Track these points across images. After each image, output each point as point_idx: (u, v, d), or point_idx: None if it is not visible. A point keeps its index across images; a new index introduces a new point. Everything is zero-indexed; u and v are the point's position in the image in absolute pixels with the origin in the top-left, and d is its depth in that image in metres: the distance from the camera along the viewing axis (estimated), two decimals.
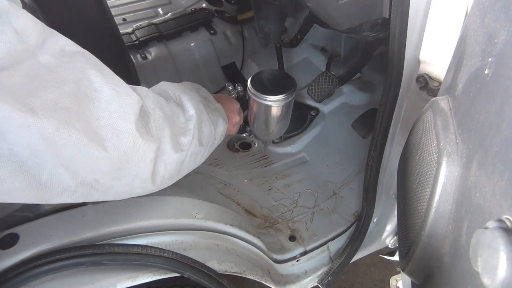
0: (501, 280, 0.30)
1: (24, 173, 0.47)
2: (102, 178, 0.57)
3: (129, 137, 0.56)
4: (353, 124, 1.51)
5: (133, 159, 0.58)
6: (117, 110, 0.55)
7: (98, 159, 0.53)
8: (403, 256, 0.63)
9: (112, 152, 0.54)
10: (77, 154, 0.50)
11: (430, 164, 0.53)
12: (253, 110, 0.96)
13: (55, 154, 0.48)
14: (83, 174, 0.53)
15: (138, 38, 1.71)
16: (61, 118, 0.47)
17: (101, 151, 0.52)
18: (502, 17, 0.42)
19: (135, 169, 0.60)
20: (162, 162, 0.67)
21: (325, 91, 1.33)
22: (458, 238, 0.44)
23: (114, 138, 0.54)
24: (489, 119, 0.41)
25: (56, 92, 0.47)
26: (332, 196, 1.32)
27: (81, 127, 0.49)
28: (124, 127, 0.55)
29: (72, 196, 0.55)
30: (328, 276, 1.12)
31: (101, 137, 0.53)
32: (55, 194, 0.53)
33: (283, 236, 1.20)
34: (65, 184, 0.53)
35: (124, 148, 0.56)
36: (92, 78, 0.53)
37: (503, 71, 0.40)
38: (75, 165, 0.51)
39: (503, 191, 0.35)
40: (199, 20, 1.82)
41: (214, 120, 0.86)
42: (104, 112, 0.53)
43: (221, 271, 0.85)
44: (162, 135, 0.66)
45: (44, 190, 0.51)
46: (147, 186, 0.67)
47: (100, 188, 0.58)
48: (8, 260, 0.66)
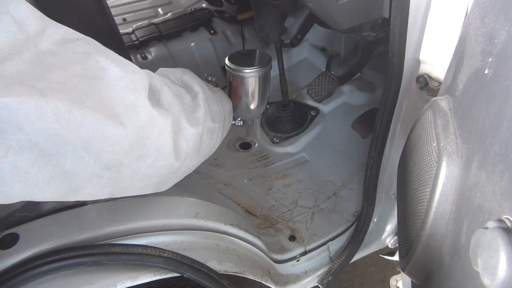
0: (501, 280, 0.30)
1: (47, 162, 0.47)
2: (125, 159, 0.56)
3: (144, 110, 0.56)
4: (353, 124, 1.51)
5: (152, 134, 0.58)
6: (128, 85, 0.54)
7: (117, 137, 0.52)
8: (403, 256, 0.63)
9: (130, 127, 0.53)
10: (95, 134, 0.49)
11: (430, 164, 0.53)
12: (233, 86, 1.03)
13: (73, 137, 0.47)
14: (106, 156, 0.53)
15: (138, 38, 1.71)
16: (72, 98, 0.46)
17: (119, 127, 0.51)
18: (502, 17, 0.42)
19: (156, 144, 0.60)
20: (182, 137, 0.68)
21: (325, 91, 1.33)
22: (458, 238, 0.44)
23: (130, 112, 0.53)
24: (489, 119, 0.41)
25: (62, 74, 0.47)
26: (332, 196, 1.32)
27: (94, 105, 0.48)
28: (137, 101, 0.55)
29: (100, 182, 0.55)
30: (328, 276, 1.12)
31: (116, 113, 0.52)
32: (82, 182, 0.53)
33: (283, 236, 1.20)
34: (90, 170, 0.52)
35: (141, 122, 0.55)
36: (97, 59, 0.52)
37: (503, 71, 0.40)
38: (96, 147, 0.51)
39: (503, 191, 0.35)
40: (199, 20, 1.82)
41: (218, 99, 0.88)
42: (115, 88, 0.52)
43: (221, 271, 0.85)
44: (175, 109, 0.66)
45: (71, 178, 0.51)
46: (172, 163, 0.67)
47: (126, 171, 0.58)
48: (8, 260, 0.66)
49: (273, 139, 1.53)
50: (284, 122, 1.55)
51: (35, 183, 0.47)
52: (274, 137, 1.53)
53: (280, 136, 1.53)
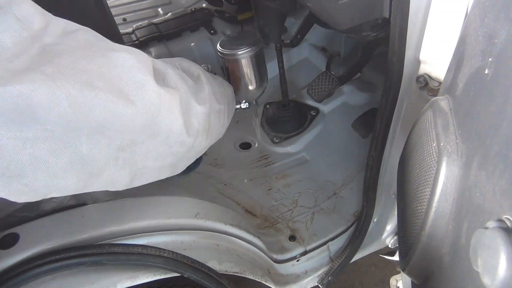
0: (501, 280, 0.30)
1: (64, 149, 0.48)
2: (137, 138, 0.58)
3: (152, 88, 0.57)
4: (353, 124, 1.51)
5: (162, 111, 0.60)
6: (136, 65, 0.55)
7: (129, 116, 0.53)
8: (403, 256, 0.63)
9: (140, 105, 0.55)
10: (107, 114, 0.50)
11: (430, 164, 0.53)
12: (230, 70, 1.06)
13: (87, 120, 0.48)
14: (119, 137, 0.54)
15: (138, 38, 1.71)
16: (83, 80, 0.47)
17: (129, 106, 0.53)
18: (502, 17, 0.42)
19: (166, 122, 0.62)
20: (192, 116, 0.70)
21: (325, 91, 1.33)
22: (458, 238, 0.44)
23: (139, 91, 0.55)
24: (489, 119, 0.41)
25: (70, 58, 0.48)
26: (332, 196, 1.32)
27: (104, 86, 0.50)
28: (145, 80, 0.56)
29: (117, 164, 0.57)
30: (328, 276, 1.12)
31: (126, 92, 0.53)
32: (100, 166, 0.54)
33: (283, 236, 1.20)
34: (105, 152, 0.54)
35: (150, 99, 0.57)
36: (101, 43, 0.55)
37: (503, 71, 0.40)
38: (108, 128, 0.52)
39: (503, 191, 0.35)
40: (199, 20, 1.82)
41: (219, 83, 0.92)
42: (123, 68, 0.54)
43: (221, 271, 0.85)
44: (181, 88, 0.68)
45: (89, 163, 0.52)
46: (184, 140, 0.68)
47: (140, 151, 0.59)
48: (8, 260, 0.66)
49: (273, 139, 1.53)
50: (284, 122, 1.55)
51: (56, 172, 0.49)
52: (274, 137, 1.53)
53: (280, 136, 1.53)
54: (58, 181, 0.50)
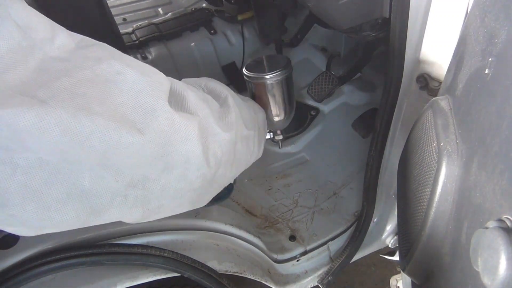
0: (501, 280, 0.30)
1: (61, 181, 0.43)
2: (150, 173, 0.51)
3: (164, 114, 0.49)
4: (353, 124, 1.51)
5: (176, 140, 0.52)
6: (145, 89, 0.48)
7: (135, 145, 0.46)
8: (403, 256, 0.63)
9: (149, 134, 0.47)
10: (109, 144, 0.43)
11: (430, 164, 0.53)
12: (256, 96, 0.97)
13: (85, 150, 0.42)
14: (128, 172, 0.48)
15: (138, 38, 1.71)
16: (78, 104, 0.41)
17: (135, 135, 0.46)
18: (502, 17, 0.42)
19: (182, 152, 0.54)
20: (214, 143, 0.61)
21: (325, 91, 1.33)
22: (458, 238, 0.44)
23: (147, 118, 0.48)
24: (489, 119, 0.41)
25: (70, 80, 0.42)
26: (332, 196, 1.32)
27: (104, 111, 0.43)
28: (156, 105, 0.49)
29: (126, 202, 0.50)
30: (328, 276, 1.12)
31: (131, 119, 0.46)
32: (105, 202, 0.47)
33: (283, 236, 1.20)
34: (112, 188, 0.47)
35: (160, 127, 0.49)
36: (111, 62, 0.47)
37: (504, 71, 0.40)
38: (113, 160, 0.45)
39: (503, 191, 0.35)
40: (199, 19, 1.82)
41: (250, 106, 0.82)
42: (130, 93, 0.47)
43: (221, 271, 0.85)
44: (202, 113, 0.59)
45: (90, 198, 0.46)
46: (205, 173, 0.60)
47: (154, 188, 0.52)
48: (8, 259, 0.66)
49: (273, 138, 1.53)
50: None
51: (49, 204, 0.43)
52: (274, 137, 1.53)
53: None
54: (52, 214, 0.44)
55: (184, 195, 0.60)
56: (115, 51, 0.51)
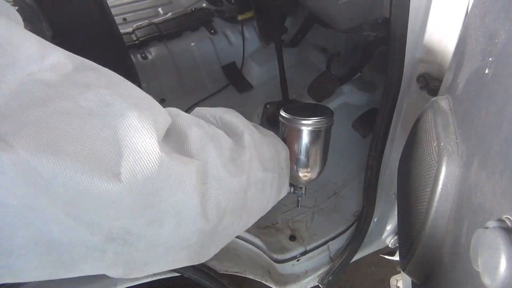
0: (501, 280, 0.30)
1: (27, 227, 0.35)
2: (133, 227, 0.42)
3: (149, 157, 0.40)
4: (353, 124, 1.51)
5: (165, 189, 0.43)
6: (133, 124, 0.40)
7: (111, 195, 0.37)
8: (403, 256, 0.63)
9: (129, 180, 0.38)
10: (77, 191, 0.35)
11: (430, 164, 0.53)
12: (287, 141, 0.85)
13: (48, 197, 0.34)
14: (105, 224, 0.40)
15: (138, 37, 1.71)
16: (43, 142, 0.34)
17: (111, 181, 0.37)
18: (502, 17, 0.42)
19: (172, 203, 0.44)
20: (217, 189, 0.51)
21: (325, 90, 1.33)
22: (458, 238, 0.44)
23: (129, 161, 0.39)
24: (489, 119, 0.41)
25: (43, 112, 0.35)
26: (332, 195, 1.32)
27: (76, 150, 0.35)
28: (141, 145, 0.40)
29: (103, 258, 0.43)
30: (328, 275, 1.12)
31: (109, 161, 0.37)
32: (77, 256, 0.40)
33: (283, 236, 1.20)
34: (86, 241, 0.39)
35: (145, 172, 0.40)
36: (101, 92, 0.40)
37: (504, 71, 0.40)
38: (85, 210, 0.37)
39: (504, 191, 0.35)
40: (199, 19, 1.82)
41: (271, 143, 0.72)
42: (114, 129, 0.38)
43: (221, 270, 0.85)
44: (205, 154, 0.50)
45: (61, 249, 0.38)
46: (202, 227, 0.50)
47: (139, 244, 0.44)
48: None
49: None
50: None
51: (10, 249, 0.36)
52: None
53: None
54: (13, 261, 0.37)
55: (178, 252, 0.51)
56: (116, 78, 0.44)
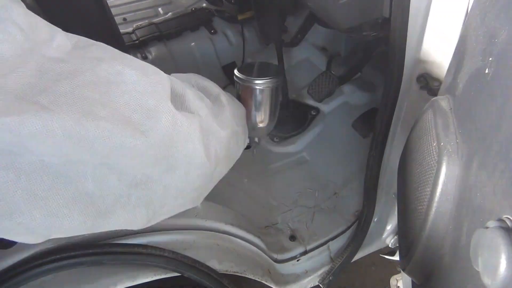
0: (501, 279, 0.30)
1: (66, 185, 0.42)
2: (153, 173, 0.51)
3: (166, 116, 0.49)
4: (354, 124, 1.51)
5: (179, 141, 0.52)
6: (147, 89, 0.48)
7: (139, 148, 0.46)
8: (403, 255, 0.63)
9: (152, 136, 0.47)
10: (113, 147, 0.43)
11: (430, 164, 0.53)
12: (242, 98, 0.96)
13: (90, 153, 0.42)
14: (131, 172, 0.48)
15: (139, 37, 1.71)
16: (82, 109, 0.41)
17: (138, 138, 0.45)
18: (502, 17, 0.42)
19: (185, 153, 0.54)
20: (214, 140, 0.62)
21: (325, 90, 1.33)
22: (458, 238, 0.44)
23: (150, 120, 0.47)
24: (489, 119, 0.41)
25: (70, 83, 0.41)
26: (333, 195, 1.32)
27: (108, 115, 0.43)
28: (158, 106, 0.49)
29: (129, 202, 0.50)
30: (328, 275, 1.12)
31: (134, 122, 0.46)
32: (110, 204, 0.47)
33: (283, 236, 1.20)
34: (115, 189, 0.47)
35: (163, 129, 0.49)
36: (112, 63, 0.46)
37: (504, 71, 0.40)
38: (117, 161, 0.45)
39: (504, 191, 0.35)
40: (200, 19, 1.82)
41: (237, 105, 0.86)
42: (132, 94, 0.46)
43: (221, 270, 0.85)
44: (201, 112, 0.60)
45: (96, 200, 0.46)
46: (206, 171, 0.60)
47: (157, 188, 0.52)
48: (8, 259, 0.66)
49: (273, 138, 1.53)
50: (285, 122, 1.55)
51: (56, 211, 0.43)
52: (274, 137, 1.53)
53: (281, 135, 1.53)
54: (60, 221, 0.44)
55: (186, 194, 0.60)
56: (114, 51, 0.50)
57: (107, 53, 0.48)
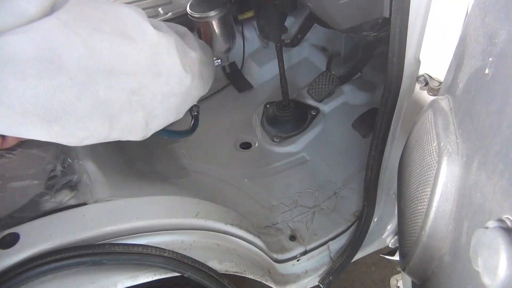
0: (501, 279, 0.30)
1: (86, 94, 0.56)
2: (144, 80, 0.67)
3: (151, 31, 0.67)
4: (354, 124, 1.51)
5: (162, 52, 0.70)
6: (134, 12, 0.66)
7: (134, 55, 0.63)
8: (403, 255, 0.63)
9: (142, 44, 0.65)
10: (115, 55, 0.59)
11: (430, 164, 0.53)
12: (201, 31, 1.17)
13: (100, 62, 0.57)
14: (130, 80, 0.63)
15: None
16: (92, 25, 0.56)
17: (133, 45, 0.63)
18: (502, 17, 0.42)
19: (166, 63, 0.71)
20: (187, 57, 0.79)
21: (325, 90, 1.33)
22: (458, 238, 0.44)
23: (140, 32, 0.65)
24: (489, 119, 0.41)
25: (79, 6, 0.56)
26: (333, 195, 1.32)
27: (110, 29, 0.59)
28: (144, 24, 0.66)
29: (131, 107, 0.66)
30: (328, 275, 1.12)
31: (128, 34, 0.63)
32: (118, 108, 0.63)
33: (283, 236, 1.20)
34: (120, 96, 0.63)
35: (150, 39, 0.67)
36: None
37: (504, 71, 0.40)
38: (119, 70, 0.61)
39: (504, 191, 0.35)
40: None
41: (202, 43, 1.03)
42: (124, 14, 0.64)
43: (221, 270, 0.85)
44: (173, 33, 0.76)
45: (108, 106, 0.61)
46: (182, 79, 0.77)
47: (147, 93, 0.69)
48: (8, 259, 0.66)
49: (274, 138, 1.53)
50: (285, 122, 1.55)
51: (83, 115, 0.57)
52: (274, 137, 1.53)
53: (281, 135, 1.53)
54: (87, 123, 0.59)
55: (169, 99, 0.76)
56: None
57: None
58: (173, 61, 0.73)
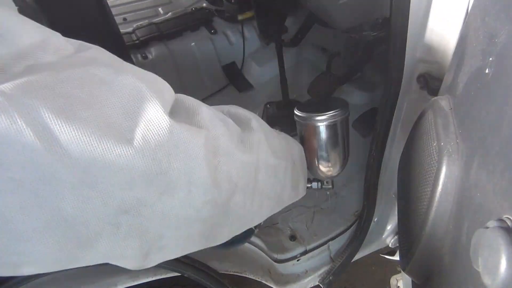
0: (501, 279, 0.30)
1: (40, 207, 0.35)
2: (146, 195, 0.41)
3: (160, 123, 0.40)
4: (354, 124, 1.51)
5: (175, 156, 0.42)
6: (144, 94, 0.40)
7: (124, 159, 0.37)
8: (403, 255, 0.63)
9: (140, 145, 0.38)
10: (92, 156, 0.35)
11: (430, 164, 0.53)
12: (305, 138, 0.87)
13: (65, 163, 0.34)
14: (118, 193, 0.39)
15: (139, 37, 1.71)
16: (60, 105, 0.34)
17: (124, 146, 0.37)
18: (502, 17, 0.42)
19: (183, 171, 0.44)
20: (228, 163, 0.51)
21: (325, 91, 1.33)
22: (458, 237, 0.44)
23: (140, 127, 0.39)
24: (489, 119, 0.41)
25: (54, 77, 0.35)
26: (333, 195, 1.32)
27: (90, 116, 0.35)
28: (152, 112, 0.40)
29: (118, 232, 0.41)
30: (329, 275, 1.12)
31: (121, 127, 0.37)
32: (93, 231, 0.39)
33: (283, 236, 1.20)
34: (100, 214, 0.38)
35: (156, 137, 0.40)
36: (109, 63, 0.40)
37: (504, 71, 0.40)
38: (99, 178, 0.37)
39: (504, 191, 0.35)
40: (200, 19, 1.82)
41: (281, 138, 0.72)
42: (124, 96, 0.39)
43: (221, 270, 0.85)
44: (215, 129, 0.50)
45: (76, 226, 0.37)
46: (214, 198, 0.50)
47: (153, 215, 0.43)
48: None
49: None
50: (285, 122, 1.55)
51: (26, 235, 0.35)
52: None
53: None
54: (30, 247, 0.36)
55: (190, 225, 0.50)
56: (115, 56, 0.45)
57: (107, 56, 0.43)
58: (196, 171, 0.46)
